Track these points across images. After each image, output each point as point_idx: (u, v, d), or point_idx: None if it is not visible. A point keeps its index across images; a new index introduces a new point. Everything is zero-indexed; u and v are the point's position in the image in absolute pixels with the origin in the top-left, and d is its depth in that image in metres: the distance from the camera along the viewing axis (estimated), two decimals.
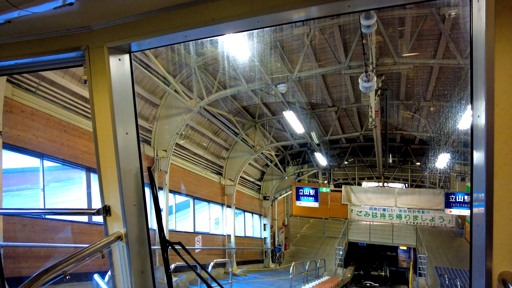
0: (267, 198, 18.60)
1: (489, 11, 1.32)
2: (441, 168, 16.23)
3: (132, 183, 2.03)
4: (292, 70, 8.29)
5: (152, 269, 2.16)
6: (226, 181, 14.70)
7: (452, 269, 16.62)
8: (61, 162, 7.56)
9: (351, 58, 7.64)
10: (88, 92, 2.00)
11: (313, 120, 13.07)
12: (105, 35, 1.90)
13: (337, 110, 12.38)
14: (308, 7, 1.52)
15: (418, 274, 16.20)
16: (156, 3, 1.72)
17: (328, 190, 25.20)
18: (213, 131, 13.26)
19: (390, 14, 7.15)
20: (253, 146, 14.18)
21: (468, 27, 1.51)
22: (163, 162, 10.00)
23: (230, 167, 14.75)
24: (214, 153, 13.99)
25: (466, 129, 9.96)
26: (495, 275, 1.40)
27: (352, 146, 18.11)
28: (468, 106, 7.38)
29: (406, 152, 18.02)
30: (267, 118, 13.60)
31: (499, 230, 1.38)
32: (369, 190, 24.76)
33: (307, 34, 7.77)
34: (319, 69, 8.02)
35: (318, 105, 12.59)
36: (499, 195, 1.37)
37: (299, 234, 25.88)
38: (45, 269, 1.53)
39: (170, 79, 8.76)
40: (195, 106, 9.38)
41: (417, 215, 23.39)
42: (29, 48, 2.05)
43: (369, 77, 5.68)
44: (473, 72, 1.48)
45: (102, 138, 1.98)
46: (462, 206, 15.24)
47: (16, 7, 1.56)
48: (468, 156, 9.91)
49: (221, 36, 2.00)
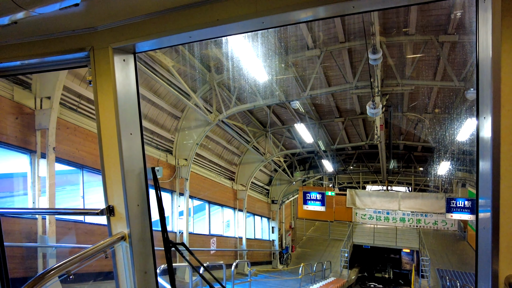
0: (275, 202, 19.39)
1: (495, 11, 1.31)
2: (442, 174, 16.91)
3: (136, 183, 2.04)
4: (304, 88, 9.12)
5: (155, 269, 2.16)
6: (238, 186, 15.53)
7: (454, 271, 17.12)
8: (97, 172, 8.42)
9: (358, 78, 8.45)
10: (93, 92, 2.02)
11: (321, 130, 13.88)
12: (110, 35, 1.92)
13: (344, 120, 13.19)
14: (312, 8, 1.53)
15: (420, 276, 16.81)
16: (161, 4, 1.74)
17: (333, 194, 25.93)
18: (226, 140, 14.10)
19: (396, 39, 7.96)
20: (264, 153, 15.01)
21: (473, 27, 1.48)
22: (184, 170, 10.85)
23: (241, 173, 15.59)
24: (227, 159, 14.83)
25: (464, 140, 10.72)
26: (501, 278, 1.37)
27: (358, 152, 18.85)
28: (467, 119, 8.18)
29: (409, 159, 18.73)
30: (277, 127, 14.43)
31: (506, 232, 1.35)
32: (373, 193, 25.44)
33: (318, 56, 8.60)
34: (329, 88, 8.84)
35: (325, 116, 13.41)
36: (505, 197, 1.35)
37: (305, 236, 26.58)
38: (48, 269, 1.54)
39: (192, 94, 9.62)
40: (214, 119, 10.23)
41: (420, 219, 24.01)
42: (35, 49, 2.07)
43: (376, 105, 6.49)
44: (479, 73, 1.45)
45: (106, 138, 2.00)
46: (462, 211, 15.91)
47: (23, 8, 1.57)
48: (468, 163, 10.88)
49: (225, 36, 1.94)
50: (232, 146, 14.64)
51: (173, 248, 2.07)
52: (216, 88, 10.03)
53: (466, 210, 15.80)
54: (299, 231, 26.25)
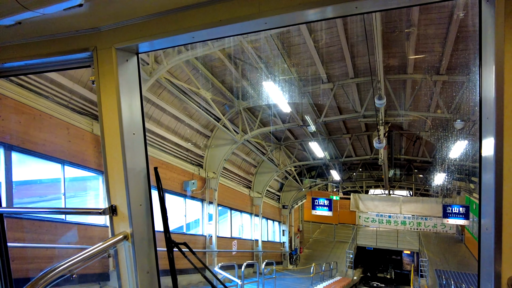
0: (286, 207, 21.04)
1: (498, 12, 1.30)
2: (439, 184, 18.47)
3: (138, 183, 2.05)
4: (319, 115, 10.79)
5: (158, 269, 2.15)
6: (254, 193, 17.21)
7: (451, 272, 18.35)
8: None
9: (365, 108, 10.11)
10: (96, 92, 2.03)
11: (330, 144, 15.56)
12: (113, 36, 1.93)
13: (351, 136, 14.85)
14: (315, 9, 1.54)
15: (420, 275, 18.33)
16: (164, 4, 1.74)
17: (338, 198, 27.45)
18: (245, 152, 15.79)
19: (397, 77, 9.61)
20: (278, 164, 16.69)
21: (476, 29, 1.49)
22: (213, 182, 12.54)
23: (257, 181, 17.28)
24: (245, 170, 16.52)
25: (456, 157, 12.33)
26: (504, 280, 1.36)
27: (362, 162, 20.48)
28: (458, 140, 9.90)
29: (410, 168, 20.33)
30: (290, 141, 16.11)
31: (508, 234, 1.34)
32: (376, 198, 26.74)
33: (331, 89, 10.26)
34: (340, 116, 10.50)
35: (334, 132, 15.08)
36: (508, 199, 1.34)
37: (311, 238, 28.11)
38: (51, 268, 1.54)
39: (222, 117, 11.30)
40: (240, 138, 11.92)
41: (421, 222, 25.14)
42: (38, 49, 2.08)
43: (380, 141, 8.14)
44: (482, 73, 1.45)
45: (109, 138, 2.01)
46: (457, 216, 17.47)
47: (27, 8, 1.58)
48: (462, 173, 12.80)
49: (228, 37, 1.95)
50: (249, 158, 16.33)
51: (176, 249, 2.07)
52: (242, 112, 11.72)
53: (460, 215, 17.37)
54: (306, 233, 27.73)
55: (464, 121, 8.73)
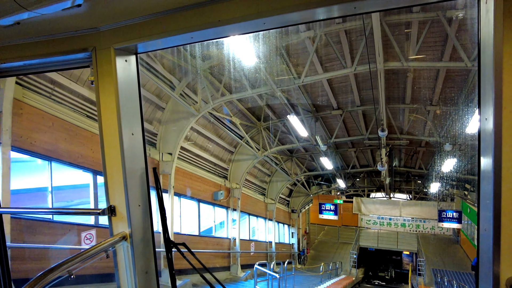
0: (295, 211, 22.90)
1: (497, 13, 1.31)
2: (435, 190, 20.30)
3: (137, 183, 2.05)
4: (330, 136, 12.67)
5: (156, 269, 2.16)
6: (268, 200, 19.11)
7: (446, 271, 19.81)
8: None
9: (370, 132, 11.99)
10: (95, 92, 2.03)
11: (337, 157, 17.44)
12: (112, 36, 1.93)
13: (356, 150, 16.73)
14: (314, 9, 1.54)
15: (418, 274, 20.02)
16: (163, 4, 1.74)
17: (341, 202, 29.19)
18: (260, 162, 17.66)
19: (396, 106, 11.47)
20: (290, 174, 18.56)
21: (475, 29, 1.51)
22: (236, 192, 14.43)
23: (271, 189, 19.19)
24: (260, 178, 18.40)
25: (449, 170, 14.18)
26: (502, 280, 1.36)
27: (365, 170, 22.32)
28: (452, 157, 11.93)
29: (409, 175, 22.16)
30: (301, 153, 17.99)
31: (507, 234, 1.34)
32: (377, 201, 28.41)
33: (340, 114, 12.14)
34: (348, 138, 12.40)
35: (341, 146, 16.97)
36: (507, 199, 1.34)
37: (316, 240, 29.76)
38: (50, 268, 1.54)
39: (245, 135, 13.14)
40: (261, 154, 13.79)
41: (419, 224, 26.76)
42: (37, 49, 2.08)
43: (383, 164, 9.97)
44: (480, 74, 1.45)
45: (108, 138, 2.00)
46: (451, 220, 19.32)
47: (26, 8, 1.59)
48: (456, 181, 15.13)
49: (227, 37, 1.90)
50: (264, 168, 18.20)
51: (175, 249, 2.08)
52: (262, 132, 13.59)
53: (454, 220, 19.22)
54: (312, 235, 29.37)
55: (452, 144, 10.57)
